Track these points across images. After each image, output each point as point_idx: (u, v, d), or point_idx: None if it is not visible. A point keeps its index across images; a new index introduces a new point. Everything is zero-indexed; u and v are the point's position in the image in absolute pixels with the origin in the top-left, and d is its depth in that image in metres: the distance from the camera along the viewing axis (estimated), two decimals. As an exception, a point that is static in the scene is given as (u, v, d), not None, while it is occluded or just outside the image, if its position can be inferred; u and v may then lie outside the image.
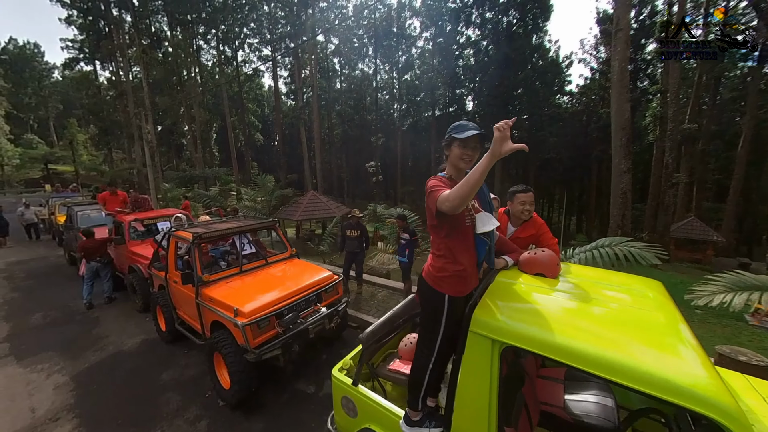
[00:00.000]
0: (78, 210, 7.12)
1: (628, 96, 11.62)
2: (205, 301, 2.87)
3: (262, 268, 3.42)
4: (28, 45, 51.62)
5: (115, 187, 5.93)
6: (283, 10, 28.63)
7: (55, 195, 12.33)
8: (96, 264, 4.87)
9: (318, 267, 3.57)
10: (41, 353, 3.74)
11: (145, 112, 13.01)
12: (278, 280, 3.13)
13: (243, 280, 3.15)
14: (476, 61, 26.59)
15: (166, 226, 5.50)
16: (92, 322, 4.56)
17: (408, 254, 4.14)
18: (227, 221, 3.94)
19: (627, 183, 11.66)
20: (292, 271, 3.41)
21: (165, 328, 3.72)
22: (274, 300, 2.73)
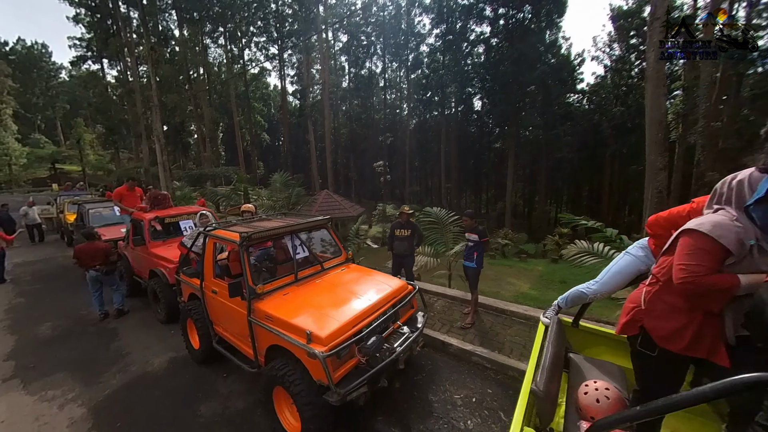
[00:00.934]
0: (90, 208, 6.54)
1: (664, 89, 10.95)
2: (260, 319, 2.24)
3: (319, 276, 2.80)
4: (36, 45, 51.50)
5: (134, 182, 5.34)
6: (291, 7, 28.11)
7: (63, 193, 11.76)
8: (96, 273, 4.15)
9: (384, 274, 2.93)
10: (52, 375, 3.13)
11: (153, 104, 12.40)
12: (345, 292, 2.49)
13: (301, 291, 2.52)
14: (487, 58, 25.92)
15: (189, 225, 4.89)
16: (109, 334, 3.95)
17: (477, 258, 3.50)
18: (271, 219, 3.31)
19: (663, 181, 10.96)
20: (357, 279, 2.77)
21: (198, 346, 3.10)
22: (351, 320, 2.10)
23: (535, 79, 22.88)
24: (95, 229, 6.19)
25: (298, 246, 2.83)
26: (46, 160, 34.81)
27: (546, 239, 16.60)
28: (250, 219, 3.36)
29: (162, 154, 13.16)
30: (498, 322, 3.53)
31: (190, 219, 4.92)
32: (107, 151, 37.29)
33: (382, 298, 2.39)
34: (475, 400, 2.45)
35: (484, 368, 2.82)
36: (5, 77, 37.19)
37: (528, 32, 22.69)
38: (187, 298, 3.32)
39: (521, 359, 2.81)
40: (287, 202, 9.13)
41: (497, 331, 3.36)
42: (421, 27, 30.78)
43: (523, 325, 3.42)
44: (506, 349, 3.01)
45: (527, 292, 8.50)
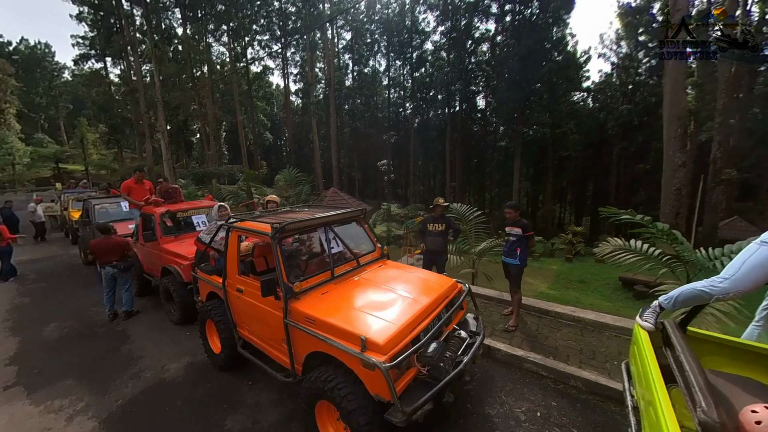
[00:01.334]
0: (95, 203, 6.25)
1: (684, 84, 10.62)
2: (299, 322, 1.94)
3: (356, 273, 2.50)
4: (39, 45, 51.48)
5: (143, 173, 5.04)
6: (295, 5, 27.85)
7: (67, 191, 11.50)
8: (112, 269, 3.87)
9: (428, 272, 2.63)
10: (58, 382, 2.84)
11: (157, 100, 12.13)
12: (391, 292, 2.18)
13: (341, 290, 2.22)
14: (493, 55, 25.60)
15: (202, 220, 4.60)
16: (119, 336, 3.66)
17: (520, 254, 3.20)
18: (299, 210, 3.01)
19: (682, 178, 10.66)
20: (400, 277, 2.47)
21: (219, 350, 2.80)
22: (409, 323, 1.80)
23: (543, 76, 22.55)
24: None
25: (331, 239, 2.53)
26: (50, 159, 34.67)
27: (554, 238, 16.26)
28: (275, 210, 3.06)
29: (167, 150, 12.91)
30: (543, 324, 3.23)
31: (203, 214, 4.63)
32: (110, 151, 37.13)
33: (435, 299, 2.09)
34: (540, 414, 2.15)
35: (540, 376, 2.52)
36: (8, 76, 37.07)
37: (535, 29, 22.37)
38: (206, 297, 3.02)
39: (583, 367, 2.51)
40: (296, 199, 8.84)
41: (545, 334, 3.05)
42: (425, 24, 30.47)
43: (572, 328, 3.12)
44: (561, 354, 2.70)
45: (547, 291, 8.20)
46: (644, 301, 7.57)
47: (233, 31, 27.52)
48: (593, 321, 3.10)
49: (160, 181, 4.84)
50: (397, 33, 30.08)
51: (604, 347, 2.78)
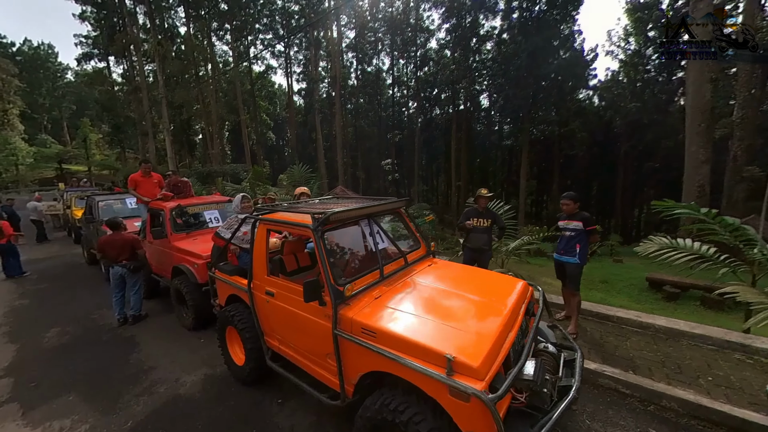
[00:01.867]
0: (99, 200, 5.90)
1: (708, 75, 10.19)
2: (353, 334, 1.56)
3: (406, 273, 2.12)
4: (42, 46, 51.42)
5: (150, 165, 4.72)
6: (298, 3, 27.57)
7: (70, 189, 11.18)
8: (122, 269, 3.54)
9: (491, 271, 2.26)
10: (59, 398, 2.47)
11: (161, 95, 11.81)
12: (460, 296, 1.80)
13: (397, 293, 1.84)
14: (499, 52, 25.19)
15: (215, 216, 4.23)
16: (127, 343, 3.29)
17: (580, 252, 2.82)
18: (333, 202, 2.63)
19: (705, 175, 10.25)
20: (461, 277, 2.09)
21: (243, 362, 2.43)
22: (498, 336, 1.42)
23: (551, 74, 22.16)
24: (101, 224, 5.56)
25: (376, 233, 2.15)
26: (53, 159, 34.49)
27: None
28: (305, 203, 2.69)
29: (171, 148, 12.59)
30: (606, 331, 2.84)
31: (215, 209, 4.26)
32: (113, 151, 36.97)
33: (514, 304, 1.71)
34: (640, 444, 1.77)
35: (622, 395, 2.14)
36: (11, 77, 36.93)
37: (543, 25, 21.99)
38: (225, 300, 2.65)
39: (673, 383, 2.12)
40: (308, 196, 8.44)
41: (613, 342, 2.67)
42: (429, 22, 30.11)
43: (641, 336, 2.73)
44: (641, 368, 2.32)
45: None
46: (675, 303, 7.15)
47: (236, 29, 27.23)
48: (665, 328, 2.71)
49: (169, 174, 4.47)
50: (401, 31, 29.74)
51: (688, 359, 2.39)
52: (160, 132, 27.30)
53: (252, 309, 2.25)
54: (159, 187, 4.57)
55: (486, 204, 3.28)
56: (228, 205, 4.43)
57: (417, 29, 29.35)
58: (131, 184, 4.49)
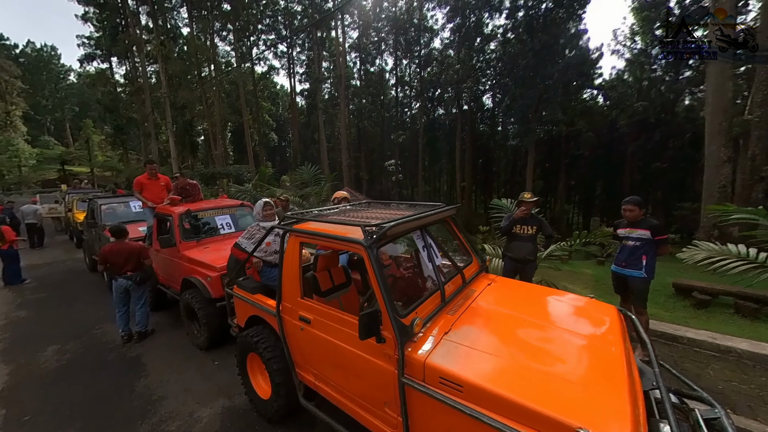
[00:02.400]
0: (102, 203, 5.56)
1: (730, 73, 9.83)
2: (429, 384, 1.21)
3: (467, 295, 1.76)
4: (45, 48, 51.40)
5: (155, 166, 4.36)
6: (301, 3, 27.33)
7: (71, 191, 10.86)
8: (126, 282, 3.21)
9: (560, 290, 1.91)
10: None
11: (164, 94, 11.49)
12: (546, 327, 1.46)
13: (469, 324, 1.48)
14: (505, 51, 24.84)
15: (227, 221, 3.89)
16: (132, 365, 2.94)
17: (646, 264, 2.46)
18: (372, 208, 2.28)
19: (727, 175, 9.88)
20: (535, 300, 1.73)
21: (269, 396, 2.08)
22: (626, 391, 1.07)
23: (558, 73, 21.80)
24: (103, 229, 5.21)
25: (430, 247, 1.80)
26: (55, 161, 34.31)
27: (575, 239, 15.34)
28: (338, 209, 2.33)
29: (175, 149, 12.27)
30: (679, 356, 2.48)
31: (227, 214, 3.92)
32: (116, 152, 36.77)
33: (619, 341, 1.35)
34: None
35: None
36: (14, 79, 36.77)
37: (550, 24, 21.67)
38: (245, 322, 2.30)
39: (788, 427, 1.76)
40: (317, 199, 8.12)
41: (691, 370, 2.31)
42: (433, 22, 29.80)
43: (724, 362, 2.37)
44: (737, 404, 1.96)
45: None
46: (706, 310, 6.77)
47: (239, 30, 26.95)
48: (749, 353, 2.35)
49: (176, 177, 4.11)
50: (404, 31, 29.46)
51: (791, 393, 2.03)
52: (162, 133, 27.04)
53: (281, 336, 1.89)
54: (166, 191, 4.22)
55: (530, 210, 2.92)
56: (240, 209, 4.09)
57: (421, 29, 29.03)
58: (137, 186, 4.15)
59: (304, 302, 1.76)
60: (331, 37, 32.56)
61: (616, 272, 2.66)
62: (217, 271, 2.90)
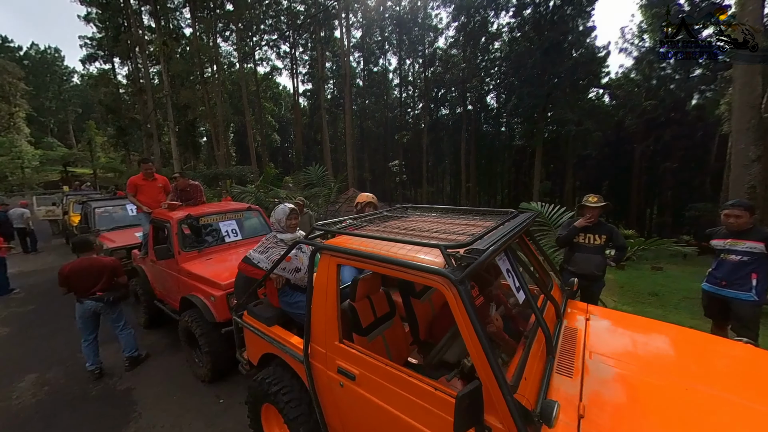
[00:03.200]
0: (96, 206, 5.09)
1: (759, 67, 9.31)
2: None
3: (567, 336, 1.27)
4: (49, 50, 51.35)
5: (151, 164, 3.84)
6: (304, 3, 26.98)
7: (70, 193, 10.43)
8: (95, 304, 2.64)
9: (699, 333, 1.40)
10: None
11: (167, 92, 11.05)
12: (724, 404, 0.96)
13: (600, 395, 0.99)
14: (512, 49, 24.37)
15: (232, 228, 3.40)
16: (122, 401, 2.45)
17: (758, 286, 1.96)
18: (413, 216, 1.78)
19: (756, 174, 9.29)
20: (669, 344, 1.24)
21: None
22: None
23: (567, 71, 21.29)
24: (96, 234, 4.72)
25: (516, 274, 1.30)
26: (58, 162, 34.04)
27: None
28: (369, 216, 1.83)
29: (176, 150, 11.83)
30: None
31: (233, 219, 3.43)
32: (118, 153, 36.55)
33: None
34: None
35: None
36: (18, 80, 36.62)
37: (557, 21, 21.19)
38: (259, 359, 1.81)
39: None
40: (326, 200, 7.65)
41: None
42: (438, 21, 29.34)
43: None
44: None
45: (621, 307, 6.89)
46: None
47: (241, 30, 26.59)
48: None
49: (175, 177, 3.62)
50: (408, 30, 29.04)
51: None
52: (165, 134, 26.68)
53: (311, 392, 1.40)
54: (164, 193, 3.74)
55: (598, 215, 2.42)
56: (247, 213, 3.61)
57: (425, 28, 28.59)
58: (130, 188, 3.67)
59: (346, 348, 1.26)
60: (334, 37, 32.20)
61: (712, 292, 2.16)
62: (222, 289, 2.41)
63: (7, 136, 33.20)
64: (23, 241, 7.53)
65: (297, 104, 33.81)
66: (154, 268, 3.26)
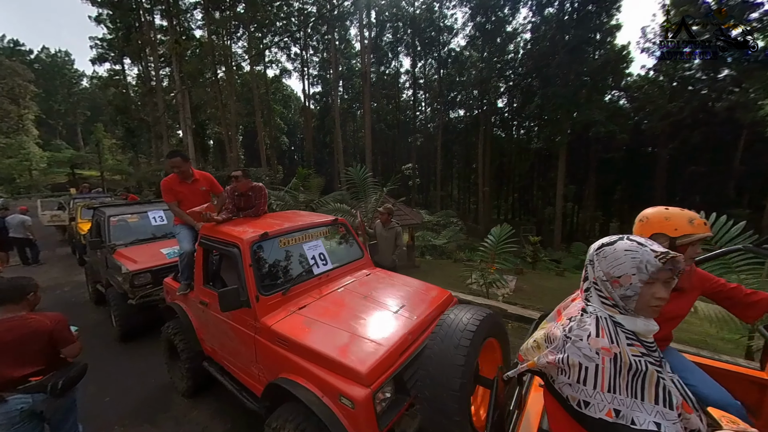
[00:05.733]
0: (110, 214, 3.95)
1: None
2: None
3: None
4: (59, 53, 51.17)
5: (181, 159, 2.57)
6: (315, 4, 26.24)
7: (78, 196, 9.32)
8: (28, 401, 1.40)
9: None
10: None
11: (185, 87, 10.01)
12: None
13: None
14: (533, 47, 23.35)
15: (319, 251, 2.24)
16: None
17: None
18: None
19: None
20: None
21: None
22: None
23: (595, 70, 20.24)
24: (112, 250, 3.55)
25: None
26: (65, 164, 33.31)
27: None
28: None
29: (193, 148, 10.75)
30: None
31: (318, 239, 2.28)
32: (126, 156, 35.82)
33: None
34: None
35: None
36: (28, 83, 36.09)
37: (584, 19, 20.19)
38: None
39: None
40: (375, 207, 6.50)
41: None
42: (453, 21, 28.40)
43: None
44: None
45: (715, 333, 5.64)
46: None
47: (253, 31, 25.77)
48: None
49: (236, 177, 2.38)
50: (422, 30, 28.15)
51: None
52: (172, 136, 25.79)
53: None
54: (208, 195, 2.60)
55: None
56: (332, 229, 2.45)
57: (441, 28, 27.65)
58: (169, 196, 2.51)
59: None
60: (346, 38, 31.38)
61: None
62: (364, 383, 1.24)
63: (16, 138, 32.53)
64: (22, 251, 6.39)
65: (307, 106, 32.93)
66: (205, 312, 2.10)
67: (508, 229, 4.99)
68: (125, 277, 3.13)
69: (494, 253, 4.82)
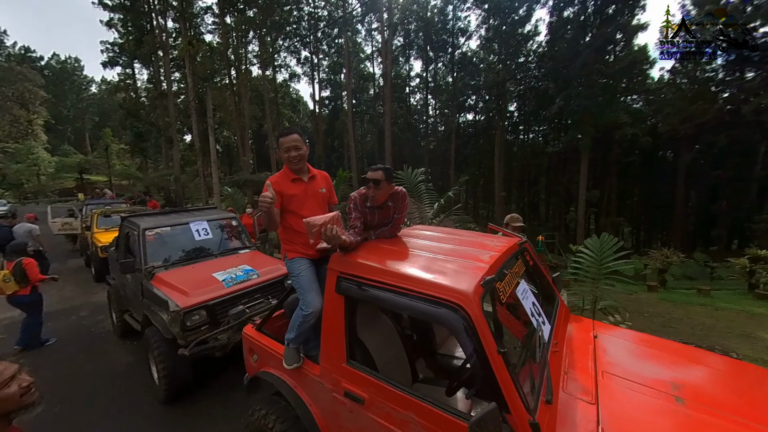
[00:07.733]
0: (147, 226, 3.05)
1: None
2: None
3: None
4: (69, 60, 51.18)
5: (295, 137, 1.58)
6: (326, 8, 25.79)
7: (91, 201, 8.47)
8: None
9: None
10: None
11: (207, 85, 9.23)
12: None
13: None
14: (551, 48, 22.62)
15: (531, 302, 1.33)
16: None
17: None
18: None
19: None
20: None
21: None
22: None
23: (620, 71, 19.47)
24: (151, 275, 2.68)
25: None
26: (73, 169, 32.76)
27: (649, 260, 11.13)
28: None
29: (214, 151, 9.94)
30: None
31: (521, 277, 1.39)
32: (134, 161, 35.25)
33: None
34: None
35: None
36: (37, 88, 35.79)
37: (605, 17, 19.49)
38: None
39: None
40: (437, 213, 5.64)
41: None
42: (466, 23, 27.76)
43: None
44: None
45: None
46: None
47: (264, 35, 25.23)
48: None
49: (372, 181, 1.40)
50: (435, 33, 27.57)
51: None
52: (181, 141, 25.18)
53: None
54: (324, 202, 1.68)
55: None
56: (520, 255, 1.55)
57: (455, 30, 27.04)
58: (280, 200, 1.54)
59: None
60: (356, 40, 30.86)
61: None
62: None
63: (25, 142, 32.09)
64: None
65: (317, 111, 32.33)
66: (353, 413, 1.19)
67: (612, 241, 4.05)
68: (174, 316, 2.23)
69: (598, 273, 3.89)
